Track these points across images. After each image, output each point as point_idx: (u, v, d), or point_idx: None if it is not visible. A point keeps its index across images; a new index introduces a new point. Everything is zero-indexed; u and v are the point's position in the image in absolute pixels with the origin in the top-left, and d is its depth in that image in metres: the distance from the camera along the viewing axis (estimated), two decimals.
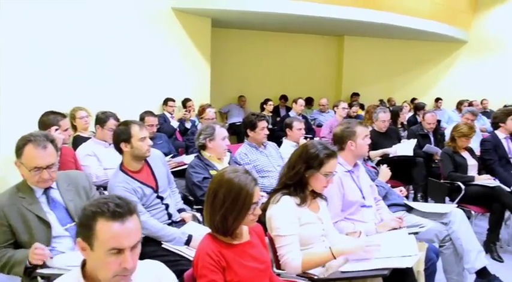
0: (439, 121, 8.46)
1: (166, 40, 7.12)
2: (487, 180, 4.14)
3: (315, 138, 5.99)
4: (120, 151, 2.81)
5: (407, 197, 5.05)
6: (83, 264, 1.52)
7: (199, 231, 2.58)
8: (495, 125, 4.86)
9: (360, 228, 2.66)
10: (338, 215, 2.72)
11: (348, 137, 2.87)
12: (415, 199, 4.90)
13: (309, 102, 10.12)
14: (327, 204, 2.51)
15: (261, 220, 2.32)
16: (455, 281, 3.15)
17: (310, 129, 6.76)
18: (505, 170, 4.50)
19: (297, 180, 2.30)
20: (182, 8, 7.29)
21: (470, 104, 9.09)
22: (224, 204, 1.80)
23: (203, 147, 3.45)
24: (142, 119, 4.66)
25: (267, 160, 3.90)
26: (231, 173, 1.86)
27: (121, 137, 2.76)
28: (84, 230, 1.44)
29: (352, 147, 2.86)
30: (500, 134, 4.76)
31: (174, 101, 6.77)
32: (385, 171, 3.44)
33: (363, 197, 2.84)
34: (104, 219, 1.42)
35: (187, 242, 2.61)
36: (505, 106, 9.18)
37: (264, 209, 2.33)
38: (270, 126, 6.91)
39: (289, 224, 2.22)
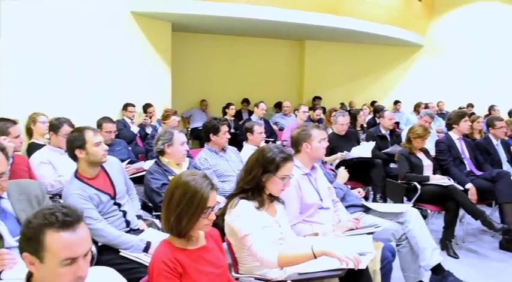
0: (397, 123, 8.72)
1: (126, 44, 7.01)
2: (441, 179, 4.28)
3: (277, 142, 6.06)
4: (75, 158, 2.75)
5: (367, 197, 5.19)
6: (28, 278, 1.47)
7: (159, 238, 2.53)
8: (449, 127, 5.04)
9: (318, 230, 2.69)
10: (296, 217, 2.75)
11: (304, 139, 2.90)
12: (374, 200, 5.00)
13: (277, 106, 10.21)
14: (285, 207, 2.52)
15: (219, 225, 2.32)
16: (413, 278, 3.23)
17: (272, 133, 6.80)
18: (459, 170, 4.67)
19: (254, 185, 2.31)
20: (141, 11, 7.20)
21: (426, 106, 9.39)
22: (179, 206, 1.82)
23: (162, 152, 3.41)
24: (99, 125, 4.54)
25: (227, 164, 3.89)
26: (188, 176, 1.89)
27: (75, 143, 2.71)
28: (31, 244, 1.40)
29: (308, 150, 2.89)
30: (454, 135, 4.93)
31: (134, 106, 6.66)
32: (343, 174, 3.50)
33: (321, 199, 2.88)
34: (53, 231, 1.38)
35: (146, 249, 2.57)
36: (459, 108, 9.56)
37: (222, 214, 2.33)
38: (233, 131, 6.94)
39: (251, 223, 2.21)
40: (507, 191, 4.31)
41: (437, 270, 3.21)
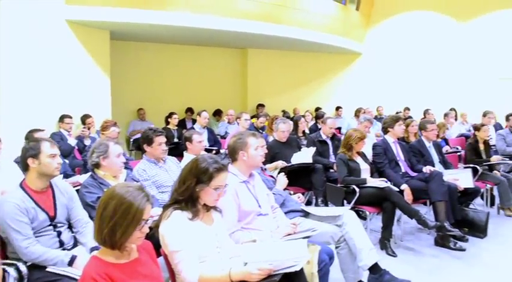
0: (339, 128, 8.97)
1: (61, 53, 6.78)
2: (378, 182, 4.44)
3: (221, 150, 6.05)
4: (26, 167, 2.67)
5: (310, 202, 5.29)
6: None
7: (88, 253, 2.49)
8: (385, 131, 5.25)
9: (256, 237, 2.70)
10: (234, 225, 2.75)
11: (240, 148, 2.92)
12: (316, 204, 5.10)
13: (217, 113, 10.21)
14: (222, 215, 2.52)
15: (155, 236, 2.28)
16: (352, 279, 3.31)
17: (216, 142, 6.79)
18: (395, 172, 4.87)
19: (188, 195, 2.29)
20: (77, 20, 7.00)
21: (365, 112, 9.73)
22: (113, 217, 1.78)
23: (97, 165, 3.30)
24: (27, 138, 4.31)
25: (167, 175, 3.83)
26: (123, 188, 1.86)
27: (29, 152, 2.66)
28: None
29: (245, 158, 2.91)
30: (390, 138, 5.14)
31: (71, 117, 6.43)
32: (281, 180, 3.55)
33: (259, 206, 2.90)
34: None
35: (71, 263, 2.52)
36: (397, 112, 9.98)
37: (157, 225, 2.29)
38: (176, 140, 6.86)
39: (182, 239, 2.20)
40: (439, 190, 4.54)
41: (375, 269, 3.31)
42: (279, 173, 4.71)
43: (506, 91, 11.15)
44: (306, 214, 3.42)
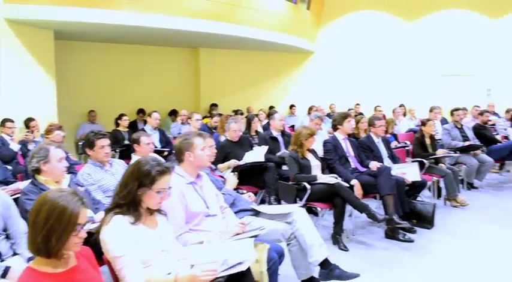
0: (293, 126, 9.06)
1: (1, 54, 6.44)
2: (328, 178, 4.49)
3: (173, 152, 5.94)
4: None
5: (264, 200, 5.30)
6: None
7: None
8: (334, 127, 5.33)
9: (204, 238, 2.66)
10: (181, 227, 2.70)
11: (186, 148, 2.87)
12: (269, 202, 5.11)
13: (173, 113, 10.07)
14: (168, 218, 2.46)
15: (98, 242, 2.20)
16: (304, 275, 3.35)
17: (168, 143, 6.67)
18: (345, 168, 4.96)
19: (130, 199, 2.22)
20: (18, 19, 6.68)
21: (316, 110, 9.89)
22: (47, 224, 1.70)
23: (37, 171, 3.14)
24: None
25: (114, 179, 3.70)
26: (55, 193, 1.78)
27: None
28: None
29: (191, 159, 2.86)
30: (339, 135, 5.22)
31: (13, 121, 6.13)
32: (231, 179, 3.53)
33: (207, 207, 2.86)
34: None
35: (4, 275, 2.39)
36: (349, 109, 10.19)
37: (98, 231, 2.21)
38: (127, 142, 6.68)
39: (123, 244, 2.13)
40: (387, 184, 4.67)
41: (325, 264, 3.34)
42: (232, 172, 4.73)
43: (449, 87, 11.67)
44: (257, 213, 3.42)
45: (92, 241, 2.20)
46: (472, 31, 11.51)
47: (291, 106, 11.98)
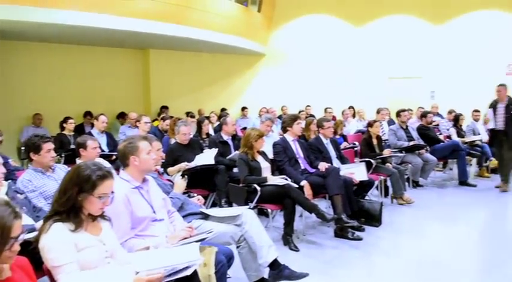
0: (245, 128, 9.07)
1: None
2: (278, 179, 4.54)
3: None
4: None
5: (216, 203, 5.27)
6: None
7: None
8: (284, 129, 5.39)
9: (150, 243, 2.61)
10: (127, 233, 2.63)
11: (131, 152, 2.80)
12: (220, 205, 5.09)
13: (121, 116, 9.82)
14: (112, 224, 2.39)
15: (37, 251, 2.11)
16: (254, 277, 3.36)
17: (116, 147, 6.47)
18: (294, 169, 5.02)
19: (70, 206, 2.14)
20: None
21: (267, 111, 9.97)
22: None
23: None
24: None
25: (56, 185, 3.50)
26: None
27: None
28: None
29: (136, 163, 2.79)
30: (289, 137, 5.28)
31: None
32: (179, 183, 3.48)
33: (154, 212, 2.81)
34: None
35: None
36: (300, 111, 10.35)
37: (37, 239, 2.12)
38: (73, 146, 6.44)
39: (63, 253, 2.05)
40: (336, 185, 4.77)
41: (274, 265, 3.37)
42: (182, 176, 4.66)
43: (395, 89, 12.12)
44: (206, 216, 3.39)
45: (31, 250, 2.11)
46: (416, 36, 12.01)
47: (243, 108, 12.01)
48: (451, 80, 11.70)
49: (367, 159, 6.15)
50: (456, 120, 8.89)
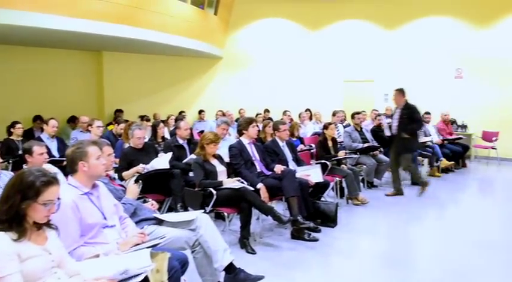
0: (202, 131, 9.00)
1: None
2: (233, 183, 4.52)
3: None
4: None
5: (172, 208, 5.18)
6: None
7: None
8: (240, 133, 5.39)
9: (101, 251, 2.53)
10: (76, 241, 2.54)
11: (79, 158, 2.71)
12: (176, 210, 5.02)
13: (71, 120, 9.52)
14: (59, 232, 2.30)
15: None
16: (210, 281, 3.34)
17: None
18: (251, 172, 5.03)
19: (13, 214, 2.04)
20: None
21: (224, 114, 9.95)
22: None
23: None
24: None
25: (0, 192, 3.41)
26: None
27: None
28: None
29: (85, 168, 2.71)
30: (245, 140, 5.28)
31: None
32: (132, 188, 3.40)
33: (104, 218, 2.73)
34: None
35: None
36: (257, 115, 10.39)
37: None
38: (21, 152, 6.17)
39: (5, 263, 1.95)
40: (291, 187, 4.81)
41: (230, 269, 3.36)
42: (136, 181, 4.56)
43: (350, 92, 12.40)
44: (160, 221, 3.34)
45: None
46: (370, 41, 12.32)
47: (200, 111, 11.93)
48: (402, 84, 11.96)
49: (322, 161, 6.25)
50: None
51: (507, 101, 10.68)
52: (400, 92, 6.99)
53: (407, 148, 6.91)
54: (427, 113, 9.47)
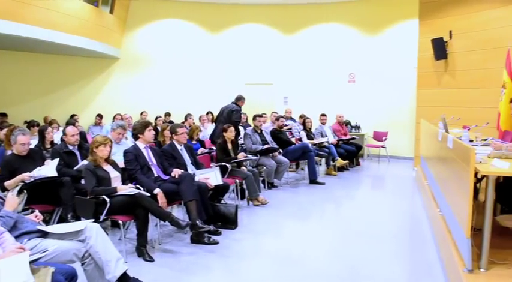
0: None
1: None
2: (128, 189, 4.33)
3: None
4: None
5: (63, 219, 4.83)
6: None
7: None
8: (135, 137, 5.20)
9: None
10: None
11: None
12: (66, 220, 4.69)
13: None
14: None
15: None
16: None
17: None
18: (148, 177, 4.87)
19: None
20: None
21: (122, 118, 9.56)
22: None
23: None
24: None
25: None
26: None
27: None
28: None
29: None
30: (140, 144, 5.10)
31: None
32: (11, 200, 3.10)
33: None
34: None
35: None
36: (156, 118, 10.15)
37: None
38: None
39: None
40: (190, 191, 4.77)
41: (124, 279, 3.23)
42: (19, 192, 4.18)
43: (251, 95, 12.62)
44: (45, 234, 3.09)
45: None
46: (269, 45, 12.68)
47: (99, 115, 11.34)
48: (300, 87, 12.61)
49: (222, 163, 6.27)
50: (304, 123, 9.62)
51: (395, 103, 11.61)
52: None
53: None
54: (323, 114, 10.01)
